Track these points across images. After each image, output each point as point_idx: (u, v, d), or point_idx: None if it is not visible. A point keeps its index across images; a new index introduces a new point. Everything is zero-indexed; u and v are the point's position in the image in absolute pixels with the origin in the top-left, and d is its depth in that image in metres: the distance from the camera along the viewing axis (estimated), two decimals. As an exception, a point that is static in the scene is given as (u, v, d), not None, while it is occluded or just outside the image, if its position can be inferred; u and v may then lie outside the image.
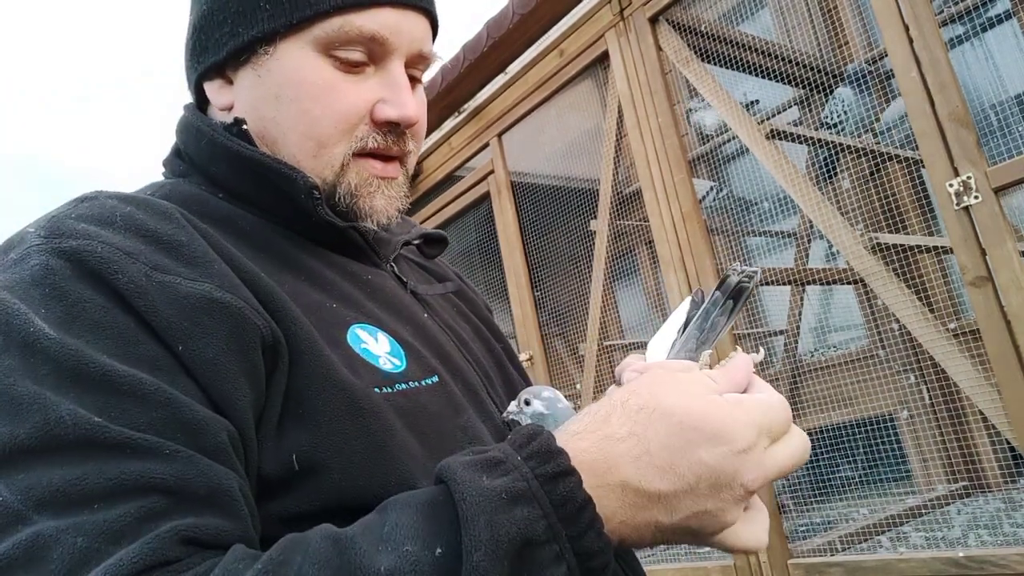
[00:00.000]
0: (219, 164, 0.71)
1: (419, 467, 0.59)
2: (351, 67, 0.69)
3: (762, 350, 0.60)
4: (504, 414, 0.69)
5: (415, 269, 0.87)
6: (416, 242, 0.88)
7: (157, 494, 0.47)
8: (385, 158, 0.73)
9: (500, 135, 3.13)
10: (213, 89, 0.75)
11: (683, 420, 0.49)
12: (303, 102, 0.69)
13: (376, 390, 0.60)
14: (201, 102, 0.77)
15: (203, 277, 0.56)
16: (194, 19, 0.75)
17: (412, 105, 0.71)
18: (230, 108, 0.74)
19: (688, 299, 0.63)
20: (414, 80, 0.76)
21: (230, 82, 0.74)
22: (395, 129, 0.71)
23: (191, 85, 0.77)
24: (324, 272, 0.69)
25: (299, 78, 0.69)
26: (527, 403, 0.68)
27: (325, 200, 0.70)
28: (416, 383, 0.64)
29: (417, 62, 0.74)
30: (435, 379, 0.67)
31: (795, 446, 0.53)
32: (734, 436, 0.49)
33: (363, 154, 0.71)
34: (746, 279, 0.57)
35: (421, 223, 3.53)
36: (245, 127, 0.71)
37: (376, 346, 0.65)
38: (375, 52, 0.70)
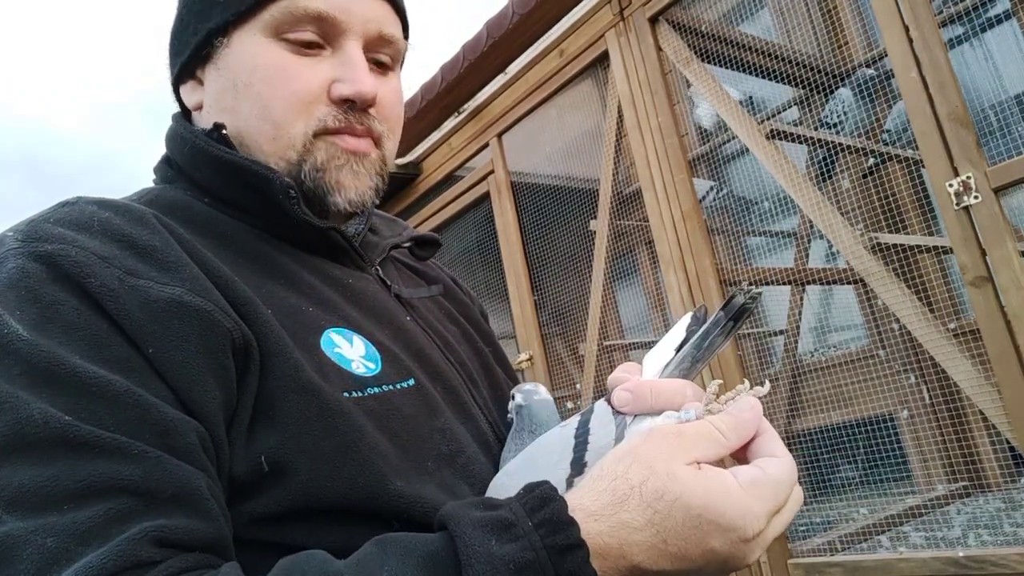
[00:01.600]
0: (202, 169, 0.72)
1: (391, 468, 0.59)
2: (304, 49, 0.70)
3: (767, 383, 0.59)
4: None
5: (404, 272, 0.87)
6: (406, 245, 0.87)
7: (126, 495, 0.47)
8: (355, 136, 0.72)
9: (500, 135, 3.13)
10: (187, 92, 0.77)
11: (701, 514, 0.49)
12: (256, 86, 0.70)
13: (345, 395, 0.61)
14: (185, 110, 0.79)
15: (175, 281, 0.57)
16: (171, 28, 0.77)
17: (368, 82, 0.70)
18: (200, 108, 0.76)
19: (690, 315, 0.63)
20: (385, 67, 0.76)
21: (201, 83, 0.75)
22: (354, 107, 0.71)
23: (173, 92, 0.79)
24: (303, 276, 0.69)
25: (252, 64, 0.70)
26: (512, 398, 0.70)
27: (301, 196, 0.70)
28: (390, 386, 0.65)
29: (380, 45, 0.74)
30: (411, 382, 0.67)
31: (791, 510, 0.54)
32: (746, 527, 0.50)
33: (327, 133, 0.71)
34: (750, 300, 0.57)
35: (421, 223, 3.54)
36: (224, 131, 0.72)
37: (350, 350, 0.65)
38: (328, 33, 0.70)
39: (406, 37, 0.79)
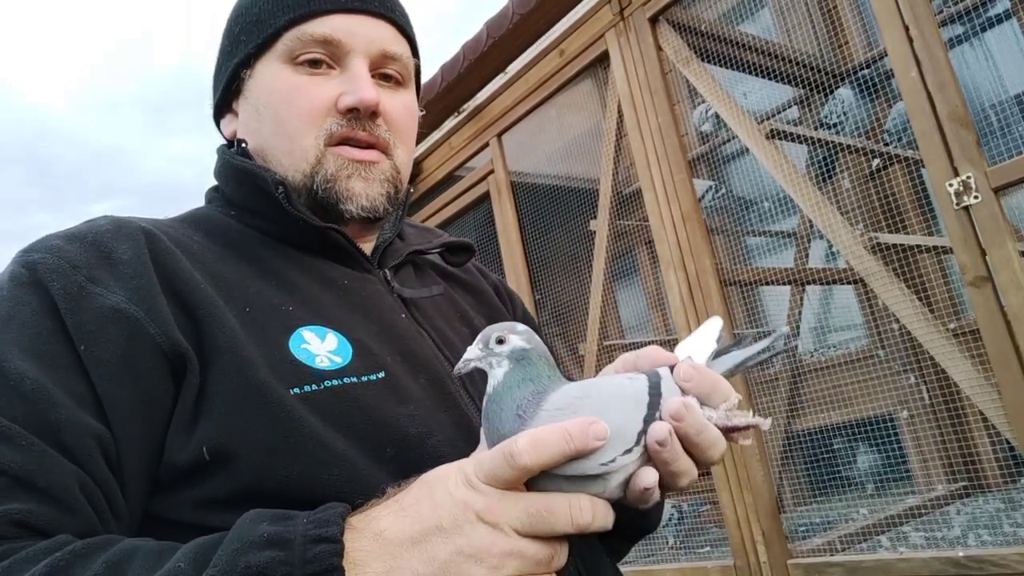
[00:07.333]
0: (228, 182, 0.82)
1: (332, 457, 0.63)
2: (314, 70, 0.78)
3: (769, 420, 0.63)
4: (460, 366, 0.60)
5: (429, 275, 0.91)
6: (436, 251, 0.92)
7: (4, 476, 0.54)
8: (361, 146, 0.79)
9: (500, 135, 3.13)
10: (225, 124, 0.87)
11: (428, 479, 0.56)
12: (274, 106, 0.79)
13: (295, 390, 0.65)
14: (229, 141, 0.90)
15: (122, 291, 0.64)
16: (212, 74, 0.87)
17: (369, 91, 0.77)
18: (235, 135, 0.85)
19: (718, 320, 0.67)
20: (395, 81, 0.83)
21: (236, 115, 0.85)
22: (359, 115, 0.78)
23: (216, 127, 0.89)
24: (294, 277, 0.76)
25: (271, 88, 0.79)
26: (500, 342, 0.59)
27: (307, 196, 0.77)
28: (353, 378, 0.69)
29: (385, 62, 0.81)
30: (380, 375, 0.71)
31: (493, 458, 0.53)
32: (458, 478, 0.54)
33: (336, 143, 0.78)
34: (789, 344, 0.61)
35: (421, 223, 3.53)
36: (244, 145, 0.82)
37: (320, 345, 0.70)
38: (334, 54, 0.78)
39: (416, 56, 0.87)
